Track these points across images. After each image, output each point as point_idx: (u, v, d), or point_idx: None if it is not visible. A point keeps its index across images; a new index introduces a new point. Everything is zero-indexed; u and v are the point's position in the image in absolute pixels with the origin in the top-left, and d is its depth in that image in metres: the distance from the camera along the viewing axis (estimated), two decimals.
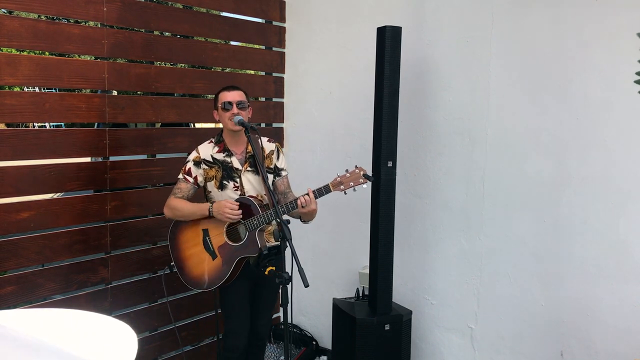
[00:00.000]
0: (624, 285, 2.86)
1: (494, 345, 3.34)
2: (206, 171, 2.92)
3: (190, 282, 2.94)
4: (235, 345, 2.96)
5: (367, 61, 3.52)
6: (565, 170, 3.01)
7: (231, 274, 2.85)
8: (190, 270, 2.94)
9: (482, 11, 3.25)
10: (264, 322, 3.11)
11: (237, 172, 2.91)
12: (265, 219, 2.76)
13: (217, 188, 2.91)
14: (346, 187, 2.74)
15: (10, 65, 2.77)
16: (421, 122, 3.53)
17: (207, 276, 2.90)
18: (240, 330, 2.97)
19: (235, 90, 2.91)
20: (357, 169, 2.76)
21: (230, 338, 2.98)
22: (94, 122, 3.23)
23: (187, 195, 2.93)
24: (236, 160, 2.92)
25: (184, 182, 2.92)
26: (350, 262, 3.90)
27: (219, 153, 2.93)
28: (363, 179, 2.73)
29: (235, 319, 2.97)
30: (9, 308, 2.80)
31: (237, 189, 2.90)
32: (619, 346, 2.88)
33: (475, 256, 3.37)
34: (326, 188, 2.75)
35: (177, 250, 2.97)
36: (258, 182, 2.93)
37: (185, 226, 2.94)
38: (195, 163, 2.92)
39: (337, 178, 2.76)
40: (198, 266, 2.92)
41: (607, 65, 2.82)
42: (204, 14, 3.83)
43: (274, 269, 2.68)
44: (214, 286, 2.88)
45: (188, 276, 2.94)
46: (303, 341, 4.07)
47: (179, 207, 2.89)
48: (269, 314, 3.16)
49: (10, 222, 2.82)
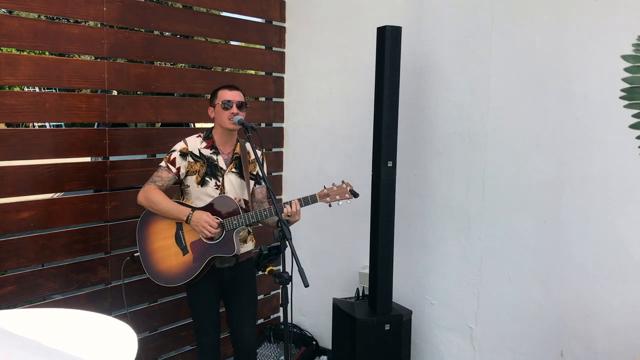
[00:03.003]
0: (624, 285, 2.86)
1: (494, 345, 3.34)
2: (191, 164, 2.86)
3: (155, 276, 2.86)
4: (207, 343, 2.97)
5: (367, 61, 3.52)
6: (565, 170, 3.01)
7: (200, 272, 2.82)
8: (156, 263, 2.86)
9: (482, 11, 3.25)
10: (248, 330, 3.02)
11: (220, 172, 2.89)
12: (245, 220, 2.76)
13: (197, 183, 2.86)
14: (332, 199, 2.80)
15: (10, 65, 2.77)
16: (421, 122, 3.52)
17: (174, 271, 2.83)
18: (211, 329, 2.97)
19: (236, 90, 2.91)
20: (344, 184, 2.82)
21: (202, 336, 2.97)
22: (93, 122, 3.23)
23: (166, 185, 2.86)
24: (222, 159, 2.90)
25: (166, 171, 2.85)
26: (350, 262, 3.90)
27: (207, 149, 2.89)
28: (349, 194, 2.80)
29: (205, 318, 2.95)
30: (9, 308, 2.80)
31: (217, 188, 2.87)
32: (619, 346, 2.88)
33: (475, 256, 3.37)
34: (312, 198, 2.79)
35: (145, 240, 2.88)
36: (240, 185, 2.92)
37: (159, 217, 2.86)
38: (182, 154, 2.86)
39: (325, 190, 2.81)
40: (166, 260, 2.85)
41: (607, 65, 2.82)
42: (204, 13, 3.83)
43: (274, 268, 2.68)
44: (180, 282, 2.84)
45: (153, 269, 2.86)
46: (303, 341, 4.07)
47: (156, 201, 2.80)
48: (249, 322, 3.05)
49: (10, 222, 2.82)
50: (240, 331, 3.02)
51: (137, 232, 2.91)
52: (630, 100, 2.03)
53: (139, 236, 2.90)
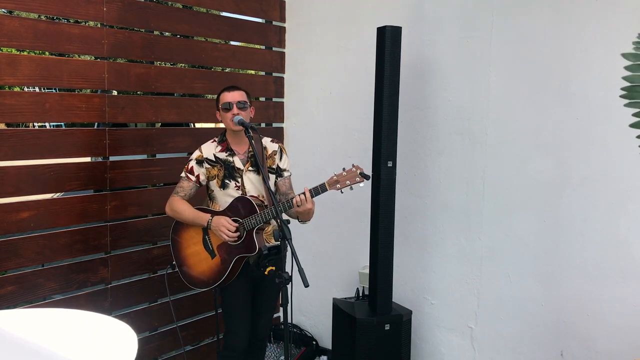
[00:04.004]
0: (624, 285, 2.86)
1: (494, 345, 3.34)
2: (208, 170, 2.92)
3: (191, 281, 2.95)
4: (235, 345, 2.97)
5: (367, 61, 3.52)
6: (566, 170, 3.01)
7: (230, 274, 2.84)
8: (190, 269, 2.94)
9: (482, 11, 3.25)
10: (264, 323, 3.10)
11: (238, 172, 2.91)
12: (262, 218, 2.76)
13: (219, 187, 2.91)
14: (342, 185, 2.69)
15: (10, 65, 2.77)
16: (421, 122, 3.52)
17: (206, 275, 2.90)
18: (241, 330, 2.97)
19: (236, 90, 2.91)
20: (354, 167, 2.72)
21: (231, 338, 2.98)
22: (94, 122, 3.23)
23: (190, 194, 2.93)
24: (238, 160, 2.92)
25: (186, 181, 2.93)
26: (350, 262, 3.90)
27: (222, 152, 2.93)
28: (360, 177, 2.68)
29: (236, 319, 2.97)
30: (9, 308, 2.80)
31: (238, 189, 2.90)
32: (619, 346, 2.88)
33: (475, 256, 3.37)
34: (322, 187, 2.71)
35: (178, 248, 2.98)
36: (259, 182, 2.93)
37: (187, 225, 2.95)
38: (198, 162, 2.92)
39: (334, 177, 2.72)
40: (198, 265, 2.92)
41: (607, 65, 2.82)
42: (204, 14, 3.83)
43: (274, 268, 2.68)
44: (212, 285, 2.88)
45: (188, 275, 2.95)
46: (303, 341, 4.07)
47: (179, 211, 2.90)
48: (269, 314, 3.15)
49: (10, 222, 2.82)
50: (258, 320, 3.05)
51: (171, 242, 3.00)
52: (631, 99, 2.02)
53: (172, 246, 2.99)
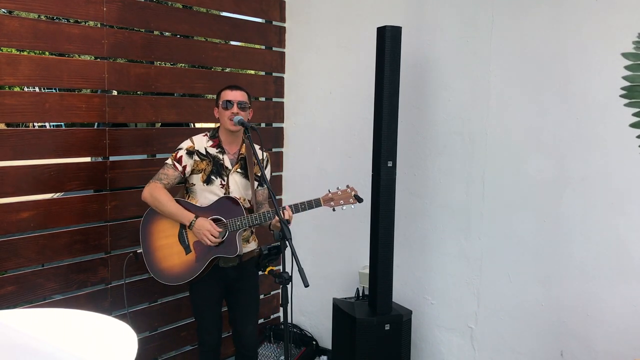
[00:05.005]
0: (624, 285, 2.86)
1: (494, 345, 3.34)
2: (197, 163, 2.88)
3: (157, 273, 2.89)
4: (208, 341, 3.00)
5: (367, 61, 3.52)
6: (565, 170, 3.01)
7: (202, 272, 2.83)
8: (159, 261, 2.88)
9: (482, 11, 3.25)
10: (249, 332, 3.05)
11: (226, 171, 2.90)
12: (249, 222, 2.76)
13: (202, 182, 2.87)
14: (336, 204, 2.82)
15: (10, 65, 2.77)
16: (421, 122, 3.52)
17: (176, 270, 2.85)
18: (212, 328, 2.99)
19: (238, 90, 2.91)
20: (349, 188, 2.83)
21: (204, 334, 3.00)
22: (94, 122, 3.23)
23: (172, 184, 2.88)
24: (227, 159, 2.91)
25: (172, 169, 2.86)
26: (350, 262, 3.90)
27: (213, 148, 2.91)
28: (353, 199, 2.81)
29: (207, 318, 2.98)
30: (9, 308, 2.80)
31: (222, 187, 2.88)
32: (619, 346, 2.88)
33: (475, 256, 3.37)
34: (317, 202, 2.80)
35: (148, 237, 2.90)
36: (245, 185, 2.93)
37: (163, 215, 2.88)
38: (189, 152, 2.88)
39: (329, 194, 2.82)
40: (168, 258, 2.87)
41: (607, 65, 2.82)
42: (204, 14, 3.83)
43: (274, 268, 2.68)
44: (182, 281, 2.86)
45: (155, 267, 2.88)
46: (303, 341, 4.07)
47: (162, 201, 2.81)
48: (252, 321, 3.07)
49: (10, 222, 2.82)
50: (242, 331, 3.04)
51: (141, 230, 2.91)
52: (631, 99, 2.02)
53: (142, 233, 2.91)
